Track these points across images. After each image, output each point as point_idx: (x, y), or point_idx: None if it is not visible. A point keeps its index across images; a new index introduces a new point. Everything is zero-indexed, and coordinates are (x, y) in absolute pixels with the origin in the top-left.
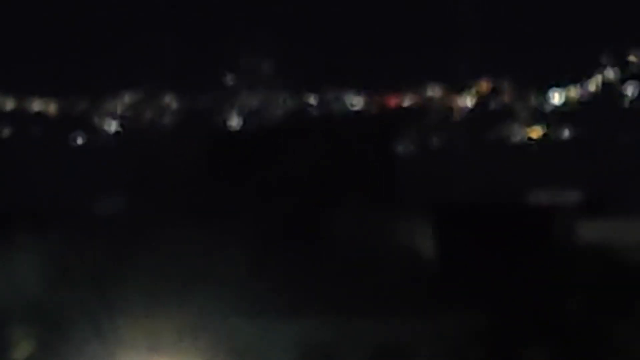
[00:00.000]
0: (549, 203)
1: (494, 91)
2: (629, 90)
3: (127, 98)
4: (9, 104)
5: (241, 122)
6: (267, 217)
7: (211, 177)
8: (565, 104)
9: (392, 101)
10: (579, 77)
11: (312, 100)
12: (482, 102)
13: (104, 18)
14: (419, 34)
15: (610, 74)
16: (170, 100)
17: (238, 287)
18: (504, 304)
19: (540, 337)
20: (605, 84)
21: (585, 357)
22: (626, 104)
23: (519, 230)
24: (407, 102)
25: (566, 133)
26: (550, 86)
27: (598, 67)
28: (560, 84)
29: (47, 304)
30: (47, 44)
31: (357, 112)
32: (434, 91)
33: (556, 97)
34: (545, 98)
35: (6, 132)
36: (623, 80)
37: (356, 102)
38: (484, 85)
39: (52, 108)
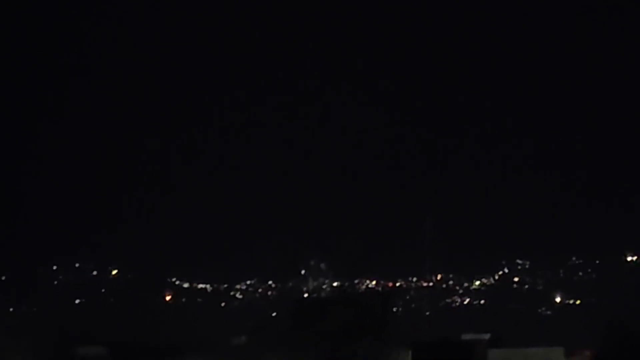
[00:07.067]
0: (473, 338)
1: (444, 279)
2: (515, 279)
3: (249, 282)
4: (185, 284)
5: (309, 294)
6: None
7: (295, 319)
8: (480, 286)
9: (391, 284)
10: (488, 273)
11: (348, 283)
12: (438, 284)
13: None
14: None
15: (505, 270)
16: (272, 284)
17: None
18: None
19: None
20: (501, 276)
21: None
22: (514, 287)
23: (458, 353)
24: (398, 284)
25: (482, 302)
26: (472, 277)
27: (498, 268)
28: (478, 277)
29: None
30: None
31: (372, 289)
32: (412, 280)
33: (476, 283)
34: (471, 283)
35: (184, 299)
36: (512, 275)
37: (371, 284)
38: (439, 277)
39: (208, 287)
